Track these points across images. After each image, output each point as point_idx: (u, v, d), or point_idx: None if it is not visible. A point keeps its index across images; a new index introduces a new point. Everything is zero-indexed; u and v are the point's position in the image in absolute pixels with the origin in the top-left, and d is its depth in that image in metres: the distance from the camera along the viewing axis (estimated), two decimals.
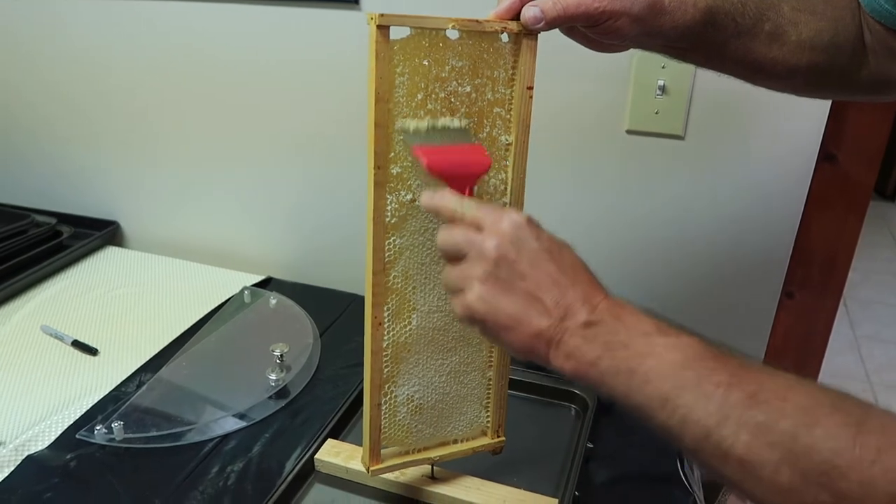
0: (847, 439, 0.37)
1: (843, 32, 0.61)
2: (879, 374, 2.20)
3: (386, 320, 0.64)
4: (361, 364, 0.65)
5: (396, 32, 0.56)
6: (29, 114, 1.31)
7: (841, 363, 2.23)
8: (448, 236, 0.52)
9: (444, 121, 0.60)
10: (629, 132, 0.94)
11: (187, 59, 1.14)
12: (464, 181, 0.56)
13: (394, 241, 0.62)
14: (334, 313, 1.09)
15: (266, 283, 1.19)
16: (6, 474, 0.77)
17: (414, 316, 0.65)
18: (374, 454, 0.68)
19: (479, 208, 0.52)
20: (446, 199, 0.53)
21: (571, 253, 0.51)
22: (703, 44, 0.60)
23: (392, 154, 0.59)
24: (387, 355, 0.65)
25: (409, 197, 0.61)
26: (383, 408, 0.67)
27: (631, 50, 0.63)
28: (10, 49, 1.26)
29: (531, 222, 0.51)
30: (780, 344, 2.00)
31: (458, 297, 0.51)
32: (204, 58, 1.13)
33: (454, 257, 0.52)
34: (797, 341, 2.02)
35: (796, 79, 0.64)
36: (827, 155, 1.14)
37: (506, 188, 0.64)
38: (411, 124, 0.58)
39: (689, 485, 0.77)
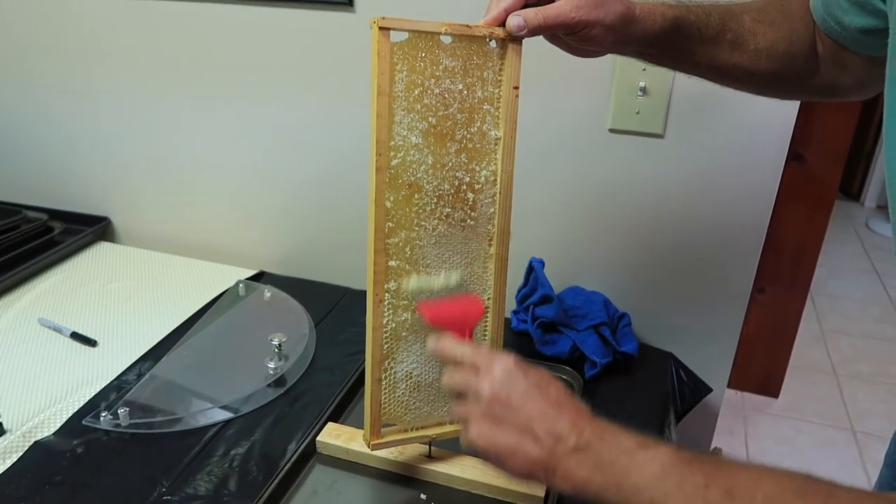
0: None
1: (798, 43, 0.69)
2: (844, 366, 2.29)
3: (386, 298, 0.68)
4: (357, 353, 0.69)
5: (396, 35, 0.63)
6: (19, 111, 1.32)
7: (808, 355, 2.32)
8: (451, 380, 0.59)
9: (441, 280, 0.69)
10: (612, 131, 0.99)
11: (180, 56, 1.16)
12: (462, 328, 0.65)
13: (393, 223, 0.67)
14: (328, 306, 1.12)
15: (259, 277, 1.22)
16: (15, 459, 0.79)
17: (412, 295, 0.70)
18: (375, 430, 0.72)
19: (475, 354, 0.59)
20: (448, 345, 0.61)
21: (557, 385, 0.57)
22: (671, 50, 0.67)
23: (392, 143, 0.65)
24: (387, 332, 0.70)
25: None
26: (383, 383, 0.71)
27: (612, 55, 0.69)
28: (2, 44, 1.27)
29: (518, 363, 0.57)
30: (751, 337, 2.09)
31: (463, 430, 0.57)
32: (196, 55, 1.15)
33: (459, 396, 0.59)
34: (768, 334, 2.11)
35: (755, 82, 0.72)
36: (795, 155, 1.20)
37: (496, 179, 0.70)
38: (412, 283, 0.68)
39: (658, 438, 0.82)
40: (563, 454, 0.52)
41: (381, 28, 0.61)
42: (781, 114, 0.92)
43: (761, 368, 2.13)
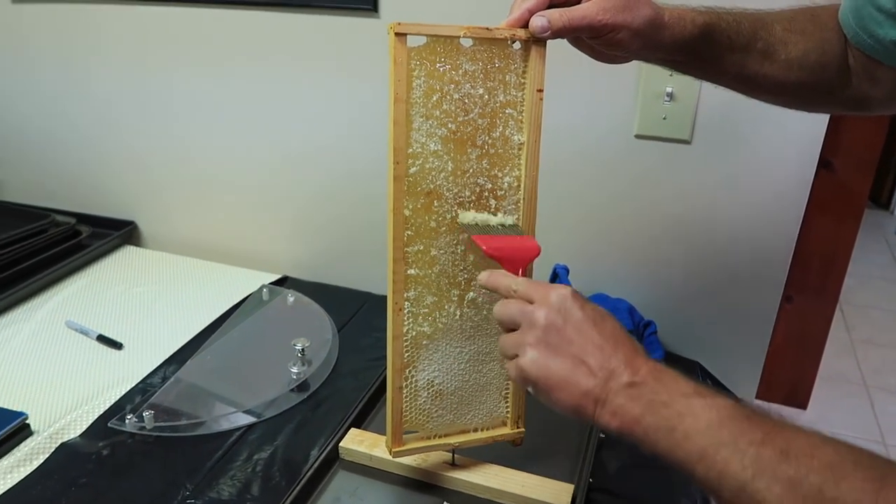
0: (870, 493, 0.40)
1: (830, 53, 0.66)
2: (875, 378, 2.24)
3: (406, 306, 0.68)
4: (380, 358, 0.69)
5: (415, 40, 0.62)
6: (49, 118, 1.34)
7: (837, 366, 2.27)
8: (503, 308, 0.58)
9: (497, 218, 0.67)
10: (638, 137, 0.98)
11: (207, 63, 1.18)
12: (516, 263, 0.62)
13: (413, 232, 0.66)
14: (351, 310, 1.12)
15: (282, 282, 1.23)
16: (42, 460, 0.80)
17: (431, 303, 0.69)
18: (397, 437, 0.72)
19: (530, 284, 0.58)
20: (501, 277, 0.60)
21: (613, 321, 0.56)
22: (699, 57, 0.65)
23: (410, 150, 0.64)
24: (407, 340, 0.69)
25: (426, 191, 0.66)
26: (404, 391, 0.71)
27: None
28: (34, 53, 1.29)
29: (576, 295, 0.56)
30: (779, 347, 2.04)
31: (512, 361, 0.56)
32: (223, 61, 1.16)
33: (509, 327, 0.58)
34: (796, 344, 2.06)
35: (785, 93, 0.69)
36: (824, 162, 1.18)
37: (519, 185, 0.69)
38: (468, 217, 0.66)
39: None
40: (616, 388, 0.50)
41: (397, 34, 0.60)
42: (812, 121, 0.91)
43: (789, 379, 2.08)
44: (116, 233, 1.33)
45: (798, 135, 0.92)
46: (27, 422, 0.84)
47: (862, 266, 2.92)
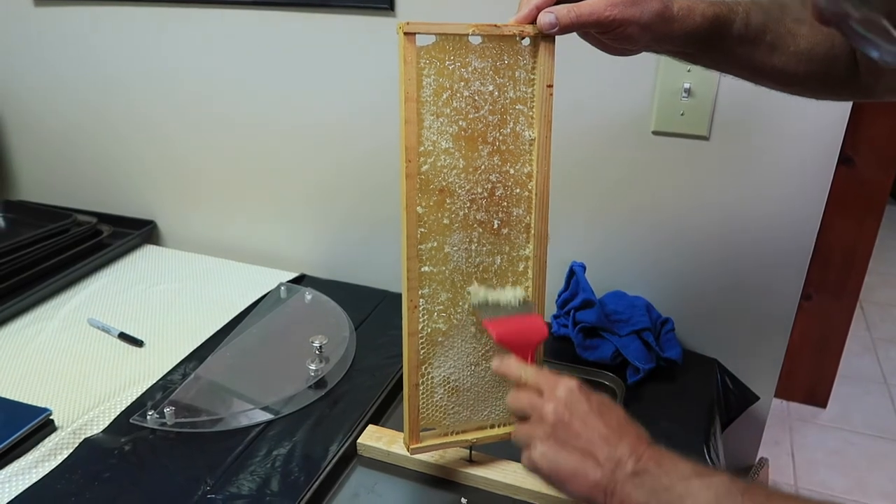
0: None
1: (839, 46, 0.66)
2: None
3: (421, 303, 0.68)
4: (396, 355, 0.69)
5: (424, 38, 0.62)
6: (71, 120, 1.36)
7: (858, 365, 2.24)
8: (515, 400, 0.62)
9: (508, 294, 0.70)
10: (655, 133, 0.98)
11: (224, 64, 1.19)
12: (526, 349, 0.66)
13: (426, 229, 0.67)
14: (368, 308, 1.13)
15: (300, 280, 1.24)
16: (66, 455, 0.81)
17: (446, 299, 0.70)
18: (414, 434, 0.72)
19: (539, 375, 0.62)
20: (512, 366, 0.64)
21: (618, 410, 0.59)
22: (709, 49, 0.65)
23: (421, 148, 0.64)
24: (422, 337, 0.70)
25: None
26: (421, 388, 0.71)
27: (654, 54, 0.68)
28: (55, 54, 1.31)
29: (581, 387, 0.60)
30: (797, 345, 2.03)
31: (525, 451, 0.59)
32: (239, 62, 1.17)
33: (521, 417, 0.61)
34: (815, 343, 2.05)
35: (794, 84, 0.69)
36: (844, 158, 1.16)
37: (531, 180, 0.69)
38: (480, 295, 0.69)
39: (715, 467, 0.80)
40: (622, 478, 0.53)
41: (406, 33, 0.61)
42: (832, 115, 0.90)
43: (808, 377, 2.07)
44: (137, 232, 1.35)
45: (818, 130, 0.91)
46: (51, 418, 0.85)
47: (883, 264, 2.88)
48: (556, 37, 0.64)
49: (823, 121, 0.90)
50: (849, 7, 0.33)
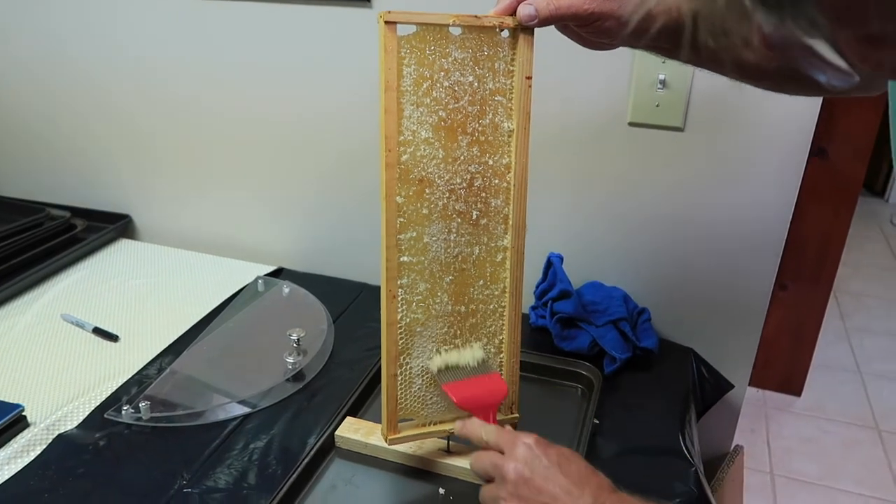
0: None
1: None
2: (869, 365, 2.25)
3: (399, 294, 0.68)
4: (375, 348, 0.69)
5: (405, 28, 0.62)
6: (43, 112, 1.34)
7: (832, 354, 2.28)
8: (477, 462, 0.64)
9: (467, 354, 0.72)
10: (631, 124, 0.98)
11: (199, 54, 1.17)
12: (486, 410, 0.70)
13: (405, 219, 0.67)
14: (346, 301, 1.13)
15: (277, 274, 1.23)
16: (39, 451, 0.80)
17: (424, 290, 0.70)
18: (392, 425, 0.72)
19: (499, 434, 0.64)
20: (473, 428, 0.67)
21: (578, 461, 0.61)
22: (685, 45, 0.65)
23: (401, 138, 0.65)
24: (401, 327, 0.70)
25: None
26: (399, 379, 0.71)
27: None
28: (28, 48, 1.28)
29: (539, 441, 0.62)
30: (773, 334, 2.06)
31: None
32: (214, 54, 1.16)
33: (485, 478, 0.63)
34: (790, 332, 2.08)
35: (766, 79, 0.70)
36: (817, 150, 1.18)
37: (510, 171, 0.69)
38: (437, 362, 0.71)
39: (690, 456, 0.81)
40: None
41: (387, 22, 0.61)
42: (804, 108, 0.91)
43: (783, 366, 2.10)
44: (111, 226, 1.33)
45: (790, 122, 0.92)
46: (24, 413, 0.84)
47: (856, 254, 2.93)
48: (536, 29, 0.65)
49: (796, 112, 0.91)
50: (797, 33, 0.34)
